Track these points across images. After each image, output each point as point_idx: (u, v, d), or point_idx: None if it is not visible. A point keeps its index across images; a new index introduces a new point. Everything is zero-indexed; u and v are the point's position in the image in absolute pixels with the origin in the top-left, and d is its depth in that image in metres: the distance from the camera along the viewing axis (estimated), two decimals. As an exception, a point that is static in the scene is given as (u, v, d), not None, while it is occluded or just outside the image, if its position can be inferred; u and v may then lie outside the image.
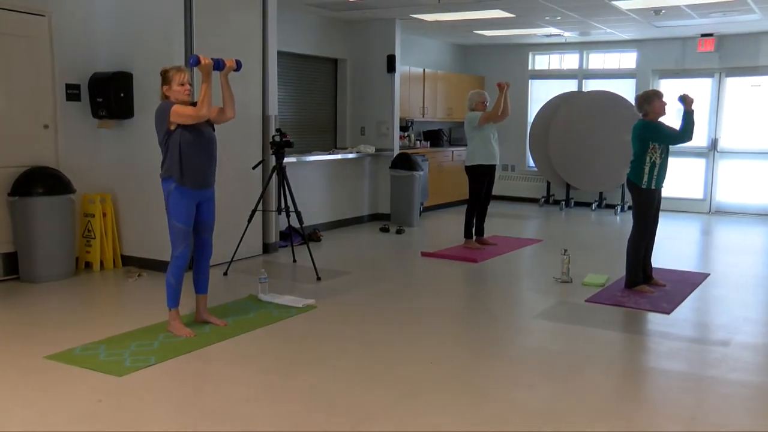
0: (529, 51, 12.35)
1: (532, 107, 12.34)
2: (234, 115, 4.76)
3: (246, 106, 7.00)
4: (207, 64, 4.48)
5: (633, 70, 11.54)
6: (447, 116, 11.69)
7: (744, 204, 10.97)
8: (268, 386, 3.85)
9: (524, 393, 3.80)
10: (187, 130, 4.52)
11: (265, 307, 5.35)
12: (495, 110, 7.53)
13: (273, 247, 7.53)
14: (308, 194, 8.47)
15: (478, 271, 6.93)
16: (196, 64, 4.46)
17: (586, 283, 6.20)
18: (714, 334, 4.96)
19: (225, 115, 4.72)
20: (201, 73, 4.48)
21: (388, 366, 4.16)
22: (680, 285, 6.21)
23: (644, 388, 4.04)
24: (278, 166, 6.64)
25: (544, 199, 12.08)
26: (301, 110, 9.42)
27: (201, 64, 4.45)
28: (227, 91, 4.67)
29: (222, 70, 4.62)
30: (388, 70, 9.70)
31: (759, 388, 3.97)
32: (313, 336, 4.75)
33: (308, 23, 9.16)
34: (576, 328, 5.06)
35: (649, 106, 5.80)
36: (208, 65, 4.49)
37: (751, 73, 10.74)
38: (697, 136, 10.90)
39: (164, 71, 4.61)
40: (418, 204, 9.60)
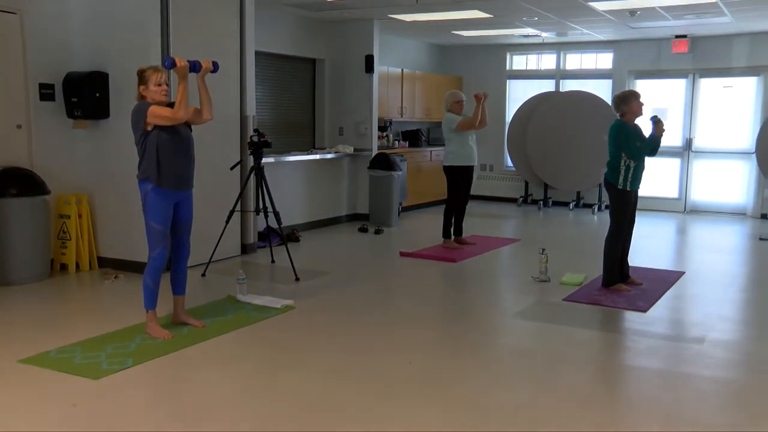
0: (506, 51, 12.41)
1: (510, 107, 12.41)
2: (211, 117, 4.73)
3: (224, 107, 6.96)
4: (183, 66, 4.44)
5: (609, 71, 11.64)
6: (425, 116, 11.72)
7: (718, 203, 11.12)
8: (247, 387, 3.83)
9: (503, 392, 3.82)
10: (164, 131, 4.48)
11: (243, 307, 5.32)
12: (473, 120, 7.55)
13: (251, 247, 7.50)
14: (287, 194, 8.45)
15: (457, 270, 6.96)
16: (172, 67, 4.42)
17: (563, 282, 6.25)
18: (689, 331, 5.02)
19: (202, 117, 4.68)
20: (177, 75, 4.44)
21: (368, 366, 4.16)
22: (656, 283, 6.28)
23: (621, 385, 4.07)
24: (256, 167, 6.62)
25: (523, 199, 12.15)
26: (280, 110, 9.39)
27: (177, 66, 4.41)
28: (204, 93, 4.63)
29: (198, 72, 4.59)
30: (367, 70, 9.70)
31: (731, 385, 4.03)
32: (292, 336, 4.73)
33: (286, 23, 9.14)
34: (554, 327, 5.10)
35: (626, 106, 5.85)
36: (184, 67, 4.45)
37: (723, 75, 10.89)
38: (672, 136, 11.18)
39: (141, 71, 4.57)
40: (397, 204, 9.61)
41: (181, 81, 4.42)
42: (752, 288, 6.58)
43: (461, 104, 7.69)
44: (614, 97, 6.05)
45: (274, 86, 9.24)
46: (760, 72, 10.62)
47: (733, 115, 10.92)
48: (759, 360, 4.46)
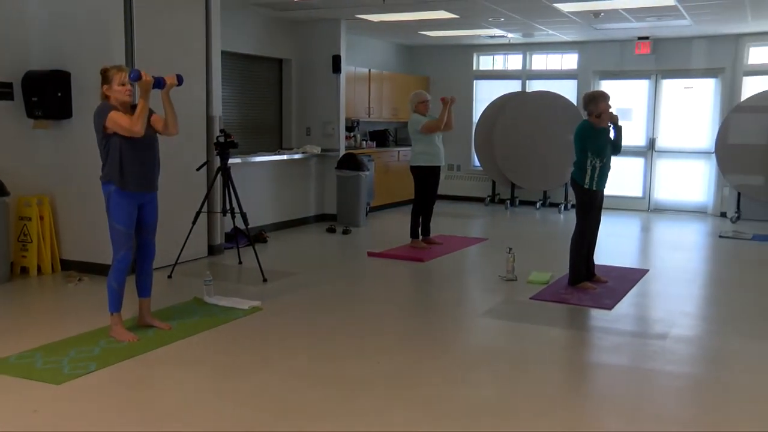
0: (473, 52, 12.48)
1: (477, 107, 12.48)
2: (177, 132, 4.66)
3: (189, 107, 6.89)
4: (147, 82, 4.32)
5: (575, 71, 11.78)
6: (393, 116, 11.73)
7: (680, 201, 11.32)
8: (215, 389, 3.80)
9: (471, 391, 3.84)
10: (127, 132, 4.42)
11: (210, 309, 5.28)
12: (438, 123, 7.56)
13: (218, 248, 7.44)
14: (254, 195, 8.39)
15: (425, 270, 6.98)
16: (137, 79, 4.31)
17: (530, 280, 6.30)
18: (652, 328, 5.10)
19: (168, 132, 4.62)
20: (140, 89, 4.34)
21: (336, 366, 4.15)
22: (621, 281, 6.36)
23: (587, 382, 4.13)
24: (223, 167, 6.57)
25: (490, 198, 12.23)
26: (246, 111, 9.33)
27: (142, 80, 4.32)
28: (169, 109, 4.54)
29: (162, 88, 4.50)
30: (334, 71, 9.68)
31: (693, 379, 4.11)
32: (259, 337, 4.70)
33: (253, 23, 9.08)
34: (521, 325, 5.14)
35: (594, 106, 5.90)
36: (148, 83, 4.33)
37: (684, 76, 11.09)
38: (636, 136, 11.35)
39: (104, 70, 4.50)
40: (365, 204, 9.61)
41: (143, 95, 4.31)
42: (712, 284, 6.71)
43: (426, 104, 7.71)
44: (584, 95, 6.10)
45: (240, 86, 9.18)
46: (718, 74, 10.84)
47: (694, 115, 11.13)
48: (720, 355, 4.55)
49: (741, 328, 5.07)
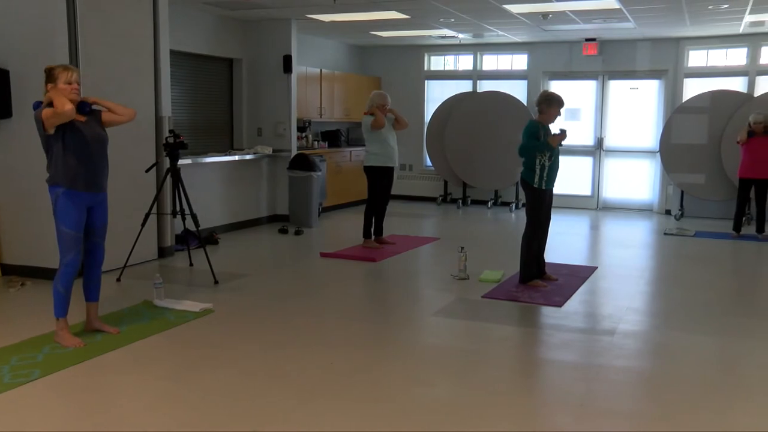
0: (424, 52, 12.55)
1: (428, 107, 12.55)
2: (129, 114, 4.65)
3: (138, 107, 6.72)
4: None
5: (524, 72, 11.94)
6: (345, 116, 11.72)
7: (627, 199, 11.59)
8: (165, 393, 3.74)
9: (424, 390, 3.86)
10: (72, 133, 4.32)
11: (160, 312, 5.19)
12: (377, 121, 7.55)
13: (169, 251, 7.33)
14: (205, 196, 8.29)
15: (378, 270, 6.99)
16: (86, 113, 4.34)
17: (482, 279, 6.37)
18: (601, 324, 5.20)
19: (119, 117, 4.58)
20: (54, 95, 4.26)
21: (288, 368, 4.13)
22: (571, 278, 6.48)
23: (538, 379, 4.19)
24: (172, 168, 6.47)
25: (442, 198, 12.32)
26: (196, 111, 9.21)
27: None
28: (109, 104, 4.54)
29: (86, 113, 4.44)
30: (285, 71, 9.62)
31: (640, 373, 4.21)
32: (210, 340, 4.65)
33: (202, 22, 8.96)
34: (474, 324, 5.19)
35: (547, 107, 6.01)
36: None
37: (629, 77, 11.36)
38: (585, 136, 11.57)
39: (49, 69, 4.37)
40: (317, 204, 9.58)
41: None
42: (658, 281, 6.88)
43: (385, 108, 7.69)
44: (542, 92, 6.18)
45: (190, 86, 9.06)
46: (661, 75, 11.14)
47: (639, 115, 11.41)
48: (665, 349, 4.66)
49: (685, 323, 5.21)
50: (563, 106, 6.08)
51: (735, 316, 5.45)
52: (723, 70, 10.86)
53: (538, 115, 6.09)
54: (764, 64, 10.58)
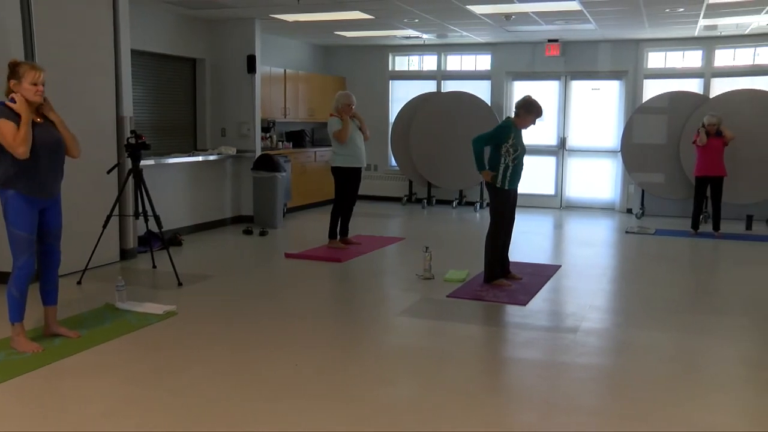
0: (389, 52, 12.57)
1: (393, 107, 12.57)
2: (78, 155, 4.54)
3: (98, 107, 6.69)
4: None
5: (488, 72, 12.02)
6: (309, 117, 11.68)
7: (590, 199, 11.74)
8: (128, 398, 3.68)
9: (390, 390, 3.86)
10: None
11: (122, 315, 5.12)
12: (341, 133, 7.54)
13: (131, 253, 7.23)
14: (168, 197, 8.19)
15: (343, 270, 6.98)
16: None
17: (447, 279, 6.40)
18: (564, 322, 5.26)
19: (69, 154, 4.49)
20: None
21: (254, 370, 4.10)
22: (535, 277, 6.54)
23: (503, 377, 4.22)
24: (134, 169, 6.38)
25: (407, 198, 12.35)
26: (159, 111, 9.09)
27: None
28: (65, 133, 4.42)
29: None
30: (249, 71, 9.55)
31: (602, 370, 4.28)
32: (174, 343, 4.60)
33: (164, 21, 8.85)
34: (439, 323, 5.21)
35: (525, 113, 6.05)
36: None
37: (591, 78, 11.51)
38: (548, 136, 11.70)
39: (14, 64, 4.23)
40: (282, 205, 9.53)
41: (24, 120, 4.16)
42: (620, 279, 6.99)
43: (350, 108, 7.68)
44: (524, 96, 6.18)
45: (152, 86, 8.94)
46: (622, 76, 11.32)
47: (601, 115, 11.57)
48: (627, 346, 4.74)
49: (646, 320, 5.30)
50: (540, 117, 6.12)
51: (695, 313, 5.56)
52: (680, 72, 11.08)
53: (514, 117, 6.13)
54: (718, 67, 10.84)
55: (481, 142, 6.00)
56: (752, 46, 10.67)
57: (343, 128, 7.54)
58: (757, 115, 10.06)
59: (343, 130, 7.54)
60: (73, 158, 4.54)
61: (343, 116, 7.59)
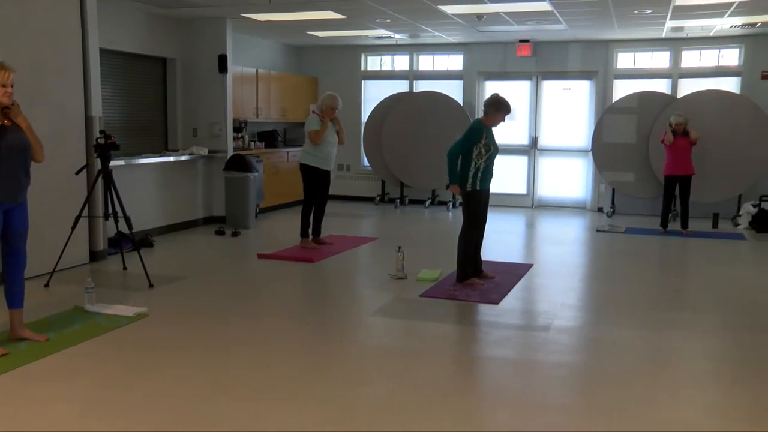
0: (361, 52, 12.57)
1: (365, 107, 12.57)
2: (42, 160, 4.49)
3: (65, 107, 6.59)
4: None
5: (460, 72, 12.08)
6: (281, 117, 11.63)
7: (561, 198, 11.85)
8: (99, 401, 3.64)
9: (363, 390, 3.86)
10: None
11: (92, 318, 5.05)
12: (318, 135, 7.51)
13: (101, 254, 7.14)
14: (139, 198, 8.10)
15: (316, 270, 6.96)
16: None
17: (420, 278, 6.41)
18: (536, 320, 5.30)
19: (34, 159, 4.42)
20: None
21: (226, 371, 4.08)
22: (507, 276, 6.58)
23: (476, 376, 4.24)
24: (104, 170, 6.30)
25: (380, 198, 12.35)
26: (129, 111, 8.98)
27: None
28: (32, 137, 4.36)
29: None
30: (220, 70, 9.49)
31: (574, 368, 4.32)
32: (145, 345, 4.55)
33: (134, 20, 8.75)
34: (412, 323, 5.23)
35: (494, 111, 6.07)
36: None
37: (562, 78, 11.62)
38: (519, 135, 11.78)
39: None
40: (254, 205, 9.48)
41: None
42: (591, 277, 7.07)
43: (334, 111, 7.64)
44: (493, 95, 6.23)
45: (122, 86, 8.83)
46: (592, 76, 11.44)
47: (572, 115, 11.68)
48: (598, 343, 4.79)
49: (617, 318, 5.37)
50: (509, 114, 6.16)
51: (664, 310, 5.64)
52: (649, 72, 11.23)
53: (483, 116, 6.16)
54: (685, 68, 11.02)
55: (456, 153, 6.01)
56: (717, 47, 10.87)
57: (320, 131, 7.52)
58: (721, 115, 10.23)
59: (320, 133, 7.52)
60: (36, 162, 4.47)
61: (324, 118, 7.56)
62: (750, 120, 10.18)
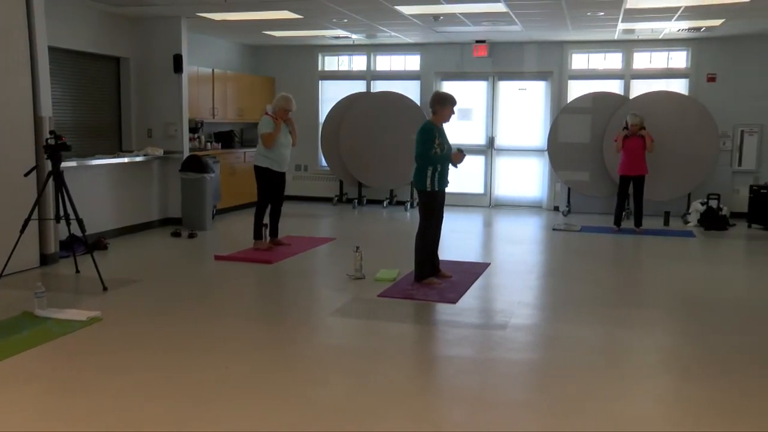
0: (318, 52, 12.52)
1: (323, 108, 12.53)
2: None
3: (13, 107, 6.42)
4: None
5: (417, 72, 12.12)
6: (238, 117, 11.53)
7: (518, 197, 11.98)
8: (50, 409, 3.56)
9: (321, 391, 3.85)
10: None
11: (42, 323, 4.93)
12: (270, 138, 7.46)
13: (52, 258, 6.98)
14: (93, 200, 7.94)
15: (273, 271, 6.92)
16: None
17: (378, 278, 6.41)
18: (494, 319, 5.35)
19: None
20: None
21: (182, 375, 4.02)
22: (465, 275, 6.62)
23: (434, 375, 4.26)
24: (55, 171, 6.17)
25: (338, 198, 12.33)
26: (81, 111, 8.80)
27: None
28: None
29: None
30: (175, 70, 9.36)
31: (530, 365, 4.37)
32: (99, 349, 4.46)
33: (85, 18, 8.57)
34: (370, 323, 5.23)
35: (441, 107, 6.09)
36: None
37: (518, 78, 11.75)
38: (476, 135, 11.88)
39: None
40: (211, 206, 9.38)
41: None
42: (547, 275, 7.16)
43: (287, 113, 7.60)
44: (434, 93, 6.27)
45: (74, 85, 8.65)
46: (548, 77, 11.59)
47: (528, 115, 11.82)
48: (555, 341, 4.85)
49: (573, 315, 5.45)
50: (456, 105, 6.18)
51: (618, 307, 5.75)
52: (602, 73, 11.42)
53: (432, 116, 6.18)
54: (637, 69, 11.24)
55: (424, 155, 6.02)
56: (666, 50, 11.12)
57: (273, 134, 7.46)
58: (671, 115, 10.46)
59: (272, 136, 7.47)
60: None
61: (278, 120, 7.50)
62: (697, 121, 10.43)
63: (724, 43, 10.63)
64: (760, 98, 10.57)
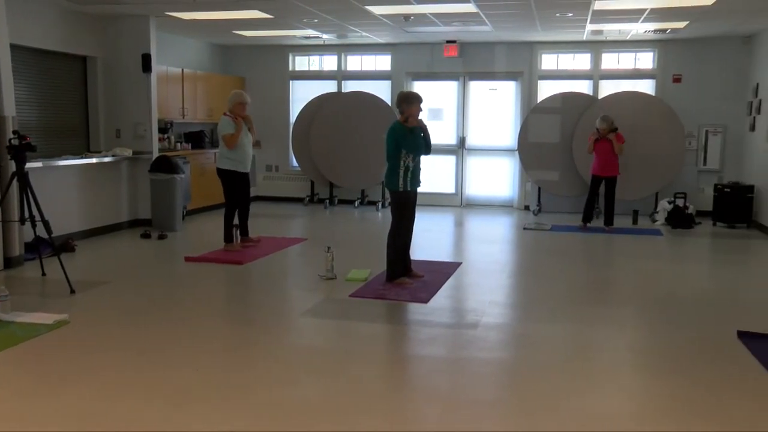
0: (289, 52, 12.47)
1: (293, 108, 12.48)
2: None
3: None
4: None
5: (388, 72, 12.13)
6: (208, 117, 11.42)
7: (489, 196, 12.05)
8: (13, 414, 3.49)
9: (293, 391, 3.83)
10: None
11: (6, 327, 4.84)
12: (233, 138, 7.42)
13: (17, 260, 6.86)
14: (59, 201, 7.82)
15: (244, 272, 6.88)
16: None
17: (349, 278, 6.40)
18: (465, 318, 5.38)
19: None
20: None
21: (152, 377, 3.98)
22: (436, 275, 6.64)
23: (406, 375, 4.27)
24: (19, 172, 6.06)
25: (309, 198, 12.29)
26: (47, 111, 8.66)
27: None
28: None
29: None
30: (144, 70, 9.25)
31: (502, 363, 4.40)
32: (66, 353, 4.39)
33: (50, 16, 8.43)
34: (342, 323, 5.22)
35: (407, 106, 6.09)
36: None
37: (488, 78, 11.81)
38: (447, 135, 11.92)
39: None
40: (181, 207, 9.29)
41: None
42: (518, 274, 7.21)
43: (244, 106, 7.55)
44: (399, 94, 6.28)
45: (39, 85, 8.51)
46: (518, 77, 11.67)
47: (499, 115, 11.90)
48: (526, 339, 4.89)
49: (544, 314, 5.49)
50: (422, 102, 6.18)
51: (588, 305, 5.81)
52: (571, 74, 11.54)
53: (400, 117, 6.18)
54: (605, 69, 11.38)
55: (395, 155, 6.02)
56: (633, 51, 11.27)
57: (234, 135, 7.41)
58: (638, 115, 10.61)
59: (234, 137, 7.42)
60: None
61: (237, 120, 7.45)
62: (664, 120, 10.59)
63: (688, 45, 10.80)
64: (723, 99, 10.76)
